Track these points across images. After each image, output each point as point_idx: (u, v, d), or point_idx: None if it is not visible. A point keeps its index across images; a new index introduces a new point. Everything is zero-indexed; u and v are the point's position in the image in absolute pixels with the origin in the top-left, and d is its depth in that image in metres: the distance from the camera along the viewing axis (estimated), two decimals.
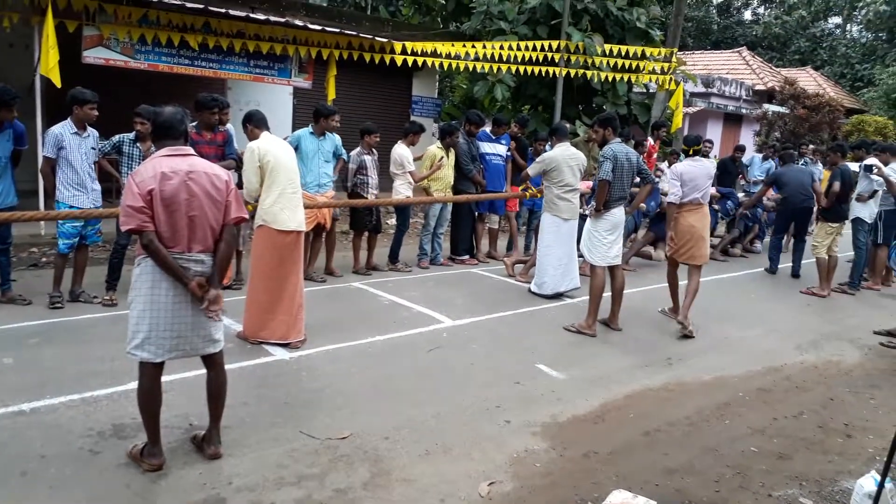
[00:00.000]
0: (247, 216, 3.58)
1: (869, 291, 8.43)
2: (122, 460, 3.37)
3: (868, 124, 19.24)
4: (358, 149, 7.57)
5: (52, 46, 7.56)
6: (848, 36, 35.80)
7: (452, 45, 11.06)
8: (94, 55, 8.52)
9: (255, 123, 5.29)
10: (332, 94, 10.26)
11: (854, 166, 8.53)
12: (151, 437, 3.32)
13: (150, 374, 3.30)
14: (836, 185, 8.07)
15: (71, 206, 5.72)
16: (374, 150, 7.67)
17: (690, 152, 6.49)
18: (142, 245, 3.17)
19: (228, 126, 6.64)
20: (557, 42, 11.42)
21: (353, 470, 3.44)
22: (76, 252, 5.99)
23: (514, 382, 4.72)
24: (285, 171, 5.09)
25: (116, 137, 6.00)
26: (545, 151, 7.40)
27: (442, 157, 8.02)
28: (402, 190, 7.89)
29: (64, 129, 5.67)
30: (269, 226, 5.06)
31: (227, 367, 3.66)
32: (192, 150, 3.36)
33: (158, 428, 3.34)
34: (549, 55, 11.35)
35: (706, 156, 10.16)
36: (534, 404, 4.39)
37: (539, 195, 7.77)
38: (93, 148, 5.84)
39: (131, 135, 5.98)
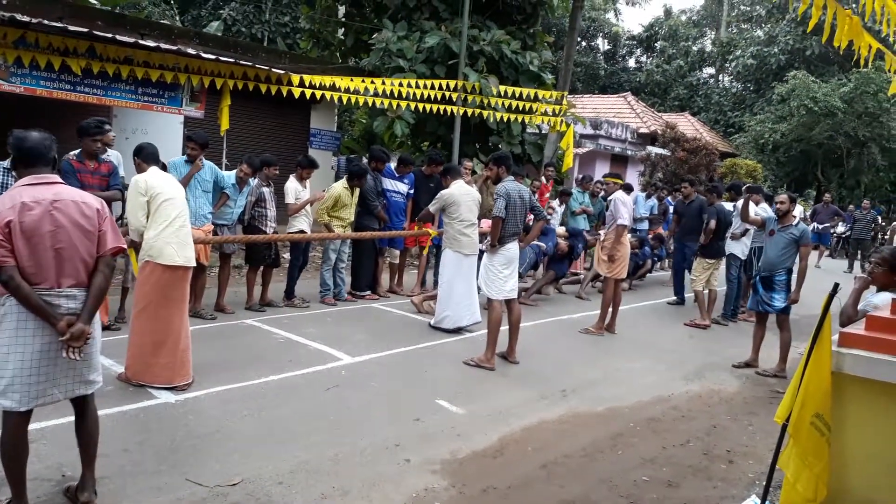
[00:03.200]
0: (124, 246, 3.36)
1: (746, 323, 9.02)
2: None
3: (740, 167, 20.85)
4: (256, 180, 7.38)
5: None
6: (721, 85, 38.91)
7: (351, 80, 11.09)
8: None
9: (142, 157, 5.02)
10: (225, 124, 9.98)
11: (728, 206, 9.19)
12: (16, 492, 3.02)
13: (15, 424, 3.01)
14: (713, 224, 8.65)
15: None
16: (271, 182, 7.51)
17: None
18: (1, 282, 2.90)
19: (113, 154, 6.30)
20: (455, 81, 11.69)
21: None
22: None
23: (413, 419, 4.67)
24: (172, 203, 4.87)
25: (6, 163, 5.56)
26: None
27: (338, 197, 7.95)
28: (298, 224, 7.74)
29: None
30: (154, 260, 4.79)
31: (107, 411, 3.43)
32: (58, 178, 3.13)
33: (24, 482, 3.04)
34: (447, 94, 11.59)
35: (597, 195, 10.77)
36: (433, 441, 4.35)
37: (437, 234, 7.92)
38: None
39: (6, 163, 5.55)
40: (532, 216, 6.54)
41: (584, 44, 40.03)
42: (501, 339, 6.09)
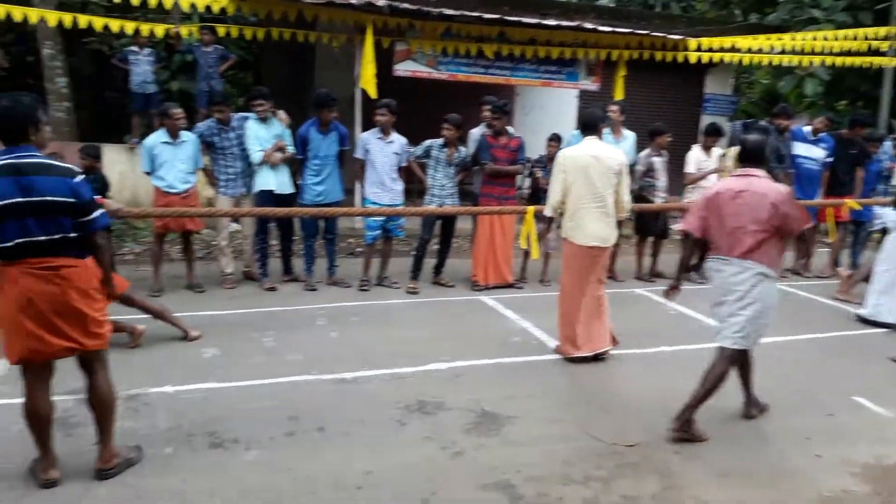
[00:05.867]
0: (810, 223, 3.92)
1: None
2: (426, 434, 3.67)
3: None
4: (647, 150, 7.33)
5: (369, 62, 8.58)
6: None
7: (754, 39, 10.20)
8: (403, 68, 9.45)
9: (583, 126, 5.02)
10: (619, 94, 10.09)
11: None
12: None
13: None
14: None
15: (374, 203, 6.47)
16: (664, 151, 7.36)
17: None
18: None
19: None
20: (886, 29, 9.87)
21: (641, 479, 3.34)
22: (382, 243, 6.71)
23: (825, 414, 4.17)
24: (579, 182, 4.76)
25: (427, 143, 6.57)
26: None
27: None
28: (693, 196, 7.42)
29: (370, 135, 6.44)
30: (568, 239, 4.90)
31: (516, 359, 3.77)
32: (760, 173, 3.75)
33: None
34: (874, 44, 9.86)
35: None
36: (850, 441, 3.83)
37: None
38: (395, 153, 6.48)
39: (439, 141, 6.50)
40: None
41: None
42: None
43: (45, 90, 9.19)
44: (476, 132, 7.03)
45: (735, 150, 7.43)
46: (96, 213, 2.95)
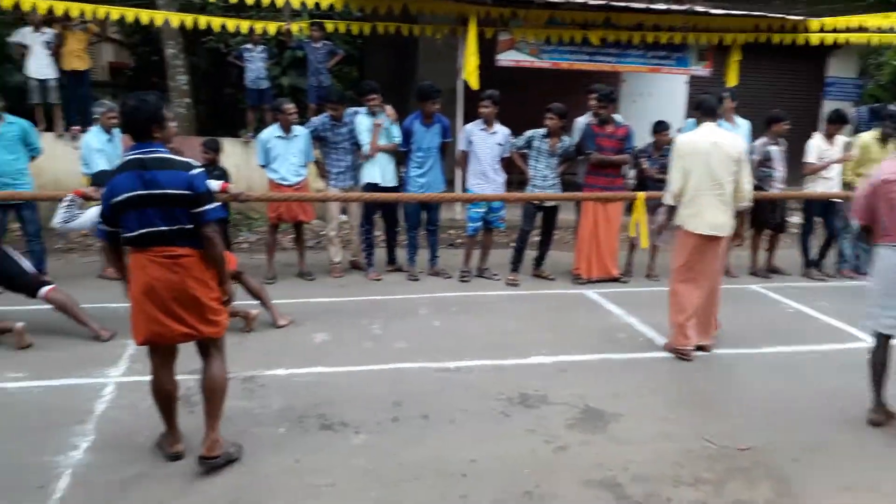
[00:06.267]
0: None
1: None
2: (529, 426, 3.66)
3: None
4: (763, 138, 6.94)
5: (472, 53, 8.59)
6: None
7: (885, 17, 9.42)
8: (505, 58, 9.38)
9: (702, 111, 4.82)
10: (733, 80, 9.61)
11: None
12: None
13: (884, 344, 3.72)
14: None
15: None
16: (781, 139, 6.95)
17: None
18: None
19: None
20: None
21: (754, 485, 3.19)
22: (483, 234, 6.73)
23: None
24: (698, 169, 4.59)
25: (529, 133, 6.52)
26: None
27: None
28: (817, 186, 6.95)
29: (473, 126, 6.47)
30: (684, 227, 4.72)
31: (622, 355, 3.68)
32: None
33: None
34: None
35: None
36: None
37: None
38: (499, 144, 6.46)
39: (542, 130, 6.43)
40: None
41: None
42: None
43: (167, 87, 9.80)
44: (581, 121, 6.91)
45: (870, 135, 6.85)
46: (209, 206, 3.08)
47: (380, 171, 6.51)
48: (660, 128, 6.75)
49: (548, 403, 3.94)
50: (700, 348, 4.76)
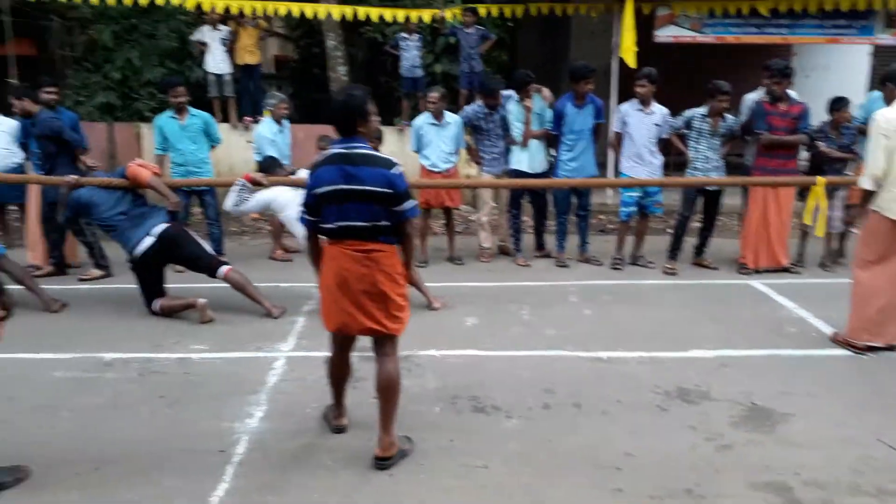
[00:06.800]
0: None
1: None
2: (689, 422, 3.50)
3: None
4: None
5: (629, 29, 8.25)
6: None
7: None
8: (664, 34, 8.95)
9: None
10: None
11: None
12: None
13: None
14: None
15: (629, 177, 6.25)
16: None
17: None
18: None
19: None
20: None
21: None
22: (637, 220, 6.48)
23: None
24: None
25: (688, 113, 6.18)
26: None
27: None
28: None
29: (629, 106, 6.23)
30: (879, 212, 4.26)
31: (793, 351, 3.41)
32: None
33: None
34: None
35: None
36: None
37: None
38: (656, 124, 6.17)
39: (702, 109, 6.07)
40: None
41: None
42: None
43: (328, 78, 10.31)
44: (751, 97, 6.43)
45: None
46: (408, 204, 3.12)
47: (528, 158, 6.47)
48: (838, 105, 6.12)
49: (709, 399, 3.74)
50: (892, 348, 4.31)
